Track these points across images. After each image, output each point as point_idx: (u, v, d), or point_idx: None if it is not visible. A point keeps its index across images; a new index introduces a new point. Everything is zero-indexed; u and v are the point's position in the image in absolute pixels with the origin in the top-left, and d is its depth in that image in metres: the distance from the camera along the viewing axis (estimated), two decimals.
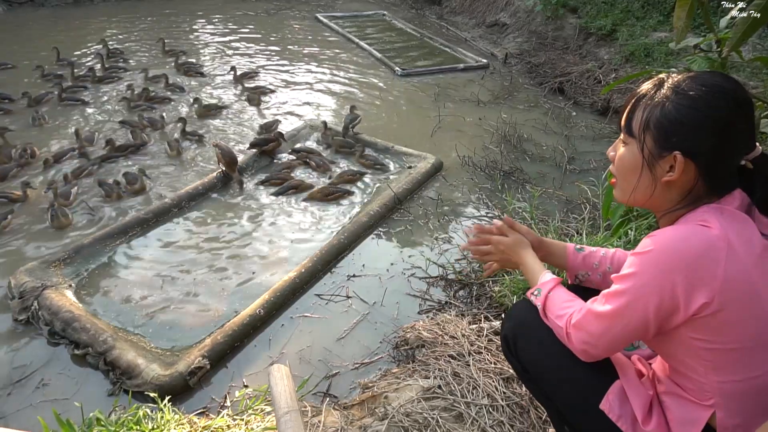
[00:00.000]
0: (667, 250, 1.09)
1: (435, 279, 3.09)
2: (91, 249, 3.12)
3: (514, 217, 3.55)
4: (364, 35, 8.12)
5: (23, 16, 8.20)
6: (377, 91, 6.05)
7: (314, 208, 3.80)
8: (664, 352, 1.24)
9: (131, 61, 6.57)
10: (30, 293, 2.68)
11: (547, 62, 6.76)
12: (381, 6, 10.04)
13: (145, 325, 2.69)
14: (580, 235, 3.08)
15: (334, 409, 2.04)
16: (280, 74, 6.44)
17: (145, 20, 8.38)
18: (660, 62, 5.67)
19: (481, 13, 8.90)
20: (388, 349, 2.60)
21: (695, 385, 1.17)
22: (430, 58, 7.28)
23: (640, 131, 1.19)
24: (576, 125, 5.34)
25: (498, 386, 1.88)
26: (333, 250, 3.23)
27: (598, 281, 1.50)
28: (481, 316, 2.60)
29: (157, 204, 3.58)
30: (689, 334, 1.12)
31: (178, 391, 2.26)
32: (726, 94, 1.12)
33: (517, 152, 4.70)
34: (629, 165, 1.23)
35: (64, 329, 2.53)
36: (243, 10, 9.28)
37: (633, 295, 1.12)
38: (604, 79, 5.98)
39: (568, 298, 1.33)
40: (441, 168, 4.37)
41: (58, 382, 2.39)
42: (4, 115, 4.96)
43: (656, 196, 1.20)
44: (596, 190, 3.70)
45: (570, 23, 7.29)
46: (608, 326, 1.17)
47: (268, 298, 2.76)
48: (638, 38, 6.19)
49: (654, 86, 1.20)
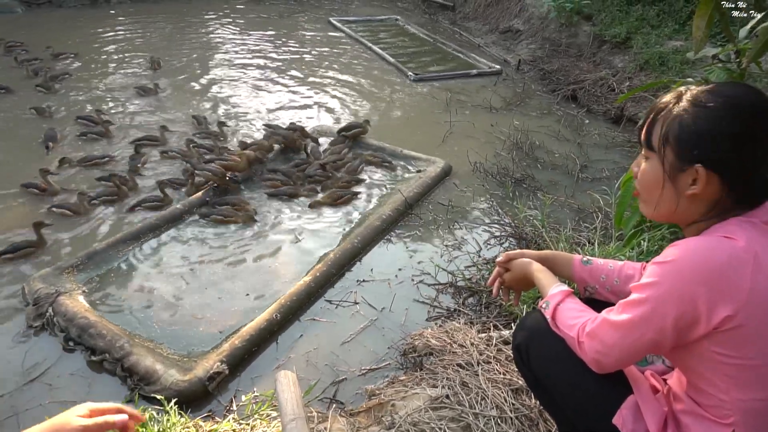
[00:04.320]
0: (690, 260, 1.07)
1: (444, 286, 3.06)
2: (104, 255, 3.12)
3: (525, 225, 3.52)
4: (377, 40, 8.13)
5: (42, 17, 8.29)
6: (390, 96, 6.05)
7: (323, 211, 3.80)
8: (683, 365, 1.21)
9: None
10: (44, 300, 2.68)
11: (561, 69, 6.73)
12: (394, 11, 10.06)
13: (159, 331, 2.68)
14: (591, 244, 3.04)
15: (341, 416, 2.02)
16: (290, 77, 6.46)
17: (158, 22, 8.45)
18: (675, 71, 5.61)
19: (494, 19, 8.88)
20: (395, 356, 2.58)
21: (714, 402, 1.14)
22: (443, 64, 7.26)
23: (660, 145, 1.17)
24: (589, 133, 5.30)
25: (507, 397, 1.85)
26: (346, 254, 3.22)
27: (606, 295, 1.48)
28: (491, 324, 2.57)
29: (169, 210, 3.58)
30: (711, 348, 1.09)
31: (197, 397, 2.25)
32: (746, 105, 1.09)
33: (528, 159, 4.66)
34: (651, 180, 1.21)
35: (80, 335, 2.52)
36: (256, 13, 9.33)
37: (652, 305, 1.10)
38: (617, 88, 5.93)
39: (581, 308, 1.30)
40: (450, 172, 4.35)
41: (69, 383, 2.38)
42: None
43: (681, 209, 1.18)
44: (609, 199, 3.66)
45: (584, 30, 7.25)
46: (624, 336, 1.14)
47: (284, 302, 2.76)
48: (653, 47, 6.14)
49: (673, 99, 1.18)
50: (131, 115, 5.17)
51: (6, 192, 3.81)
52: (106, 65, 6.47)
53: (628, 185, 2.51)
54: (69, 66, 6.30)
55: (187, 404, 2.18)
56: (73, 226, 3.52)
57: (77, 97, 5.53)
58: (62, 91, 5.62)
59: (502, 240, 3.55)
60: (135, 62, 6.60)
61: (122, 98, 5.57)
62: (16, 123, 4.89)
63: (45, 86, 5.52)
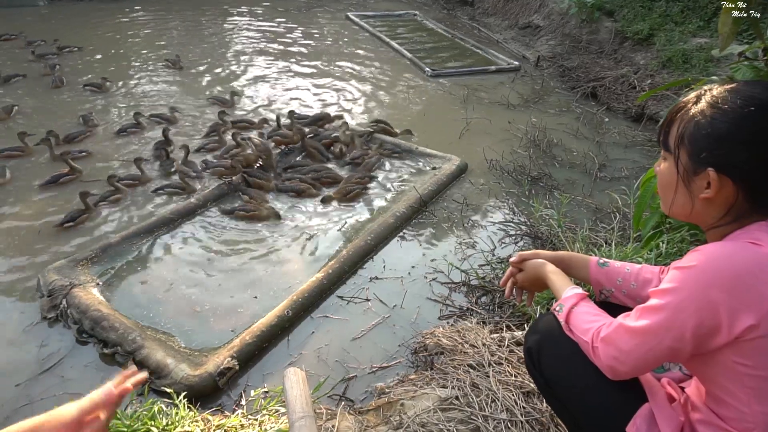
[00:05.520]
0: (712, 266, 1.03)
1: (457, 284, 3.03)
2: (118, 248, 3.15)
3: (541, 224, 3.47)
4: (395, 35, 8.08)
5: (63, 10, 8.39)
6: (406, 92, 6.01)
7: (336, 207, 3.79)
8: (702, 375, 1.16)
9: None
10: (58, 291, 2.71)
11: (580, 66, 6.62)
12: (412, 6, 9.99)
13: (171, 324, 2.69)
14: (609, 245, 2.99)
15: (349, 414, 2.00)
16: (307, 72, 6.45)
17: (177, 17, 8.50)
18: (699, 69, 5.48)
19: (514, 14, 8.77)
20: (406, 354, 2.56)
21: (735, 414, 1.09)
22: (460, 60, 7.20)
23: (675, 146, 1.14)
24: (608, 131, 5.21)
25: (518, 400, 1.82)
26: (359, 251, 3.20)
27: (622, 299, 1.44)
28: (503, 325, 2.54)
29: (183, 204, 3.60)
30: (733, 358, 1.05)
31: (207, 392, 2.26)
32: (764, 107, 1.05)
33: (546, 157, 4.59)
34: (667, 181, 1.19)
35: (93, 328, 2.54)
36: (274, 6, 9.34)
37: (671, 312, 1.06)
38: (639, 85, 5.82)
39: (595, 312, 1.27)
40: (465, 170, 4.30)
41: (82, 375, 2.41)
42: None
43: (696, 212, 1.15)
44: (627, 199, 3.59)
45: (605, 27, 7.12)
46: (640, 342, 1.10)
47: (295, 299, 2.75)
48: (676, 44, 6.01)
49: (693, 99, 1.15)
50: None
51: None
52: (124, 60, 6.52)
53: (648, 185, 2.45)
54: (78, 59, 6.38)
55: (197, 398, 2.18)
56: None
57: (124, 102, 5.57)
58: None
59: (516, 239, 3.50)
60: (154, 57, 6.64)
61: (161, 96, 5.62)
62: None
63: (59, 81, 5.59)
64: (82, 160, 4.15)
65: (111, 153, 4.36)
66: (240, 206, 3.61)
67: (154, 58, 6.54)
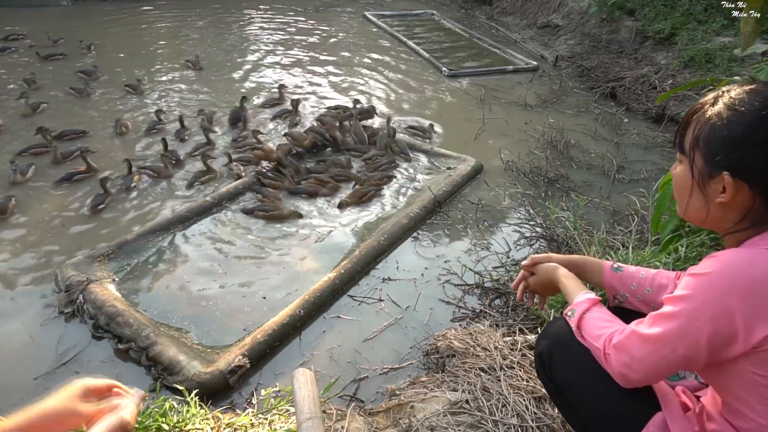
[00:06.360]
0: (728, 273, 1.00)
1: (470, 287, 3.01)
2: (134, 245, 3.19)
3: (557, 226, 3.42)
4: (412, 34, 8.06)
5: (87, 10, 8.53)
6: (423, 91, 5.99)
7: (350, 209, 3.78)
8: (718, 385, 1.13)
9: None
10: (75, 287, 2.75)
11: (600, 66, 6.53)
12: (430, 5, 9.96)
13: (185, 321, 2.72)
14: (626, 248, 2.93)
15: (359, 415, 2.00)
16: (324, 71, 6.47)
17: (197, 17, 8.58)
18: (722, 69, 5.37)
19: (532, 14, 8.68)
20: (418, 356, 2.55)
21: (753, 426, 1.06)
22: (478, 59, 7.15)
23: (690, 149, 1.12)
24: (627, 132, 5.13)
25: (529, 405, 1.79)
26: (372, 251, 3.19)
27: (636, 304, 1.41)
28: (516, 328, 2.51)
29: (198, 202, 3.63)
30: (750, 368, 1.02)
31: (219, 389, 2.27)
32: None
33: (563, 158, 4.54)
34: (681, 184, 1.16)
35: (108, 323, 2.57)
36: (291, 6, 9.37)
37: (685, 320, 1.04)
38: (660, 86, 5.72)
39: (608, 318, 1.24)
40: (481, 171, 4.27)
41: (98, 370, 2.43)
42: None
43: (712, 217, 1.12)
44: (646, 201, 3.52)
45: (626, 26, 7.01)
46: (653, 350, 1.08)
47: (307, 298, 2.75)
48: (699, 43, 5.89)
49: (710, 100, 1.12)
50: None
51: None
52: (148, 60, 6.61)
53: (667, 187, 2.40)
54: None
55: (209, 396, 2.19)
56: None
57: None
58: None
59: (532, 241, 3.47)
60: (174, 56, 6.72)
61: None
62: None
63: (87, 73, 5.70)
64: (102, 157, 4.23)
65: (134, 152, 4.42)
66: (260, 206, 3.63)
67: (175, 57, 6.60)
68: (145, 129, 4.73)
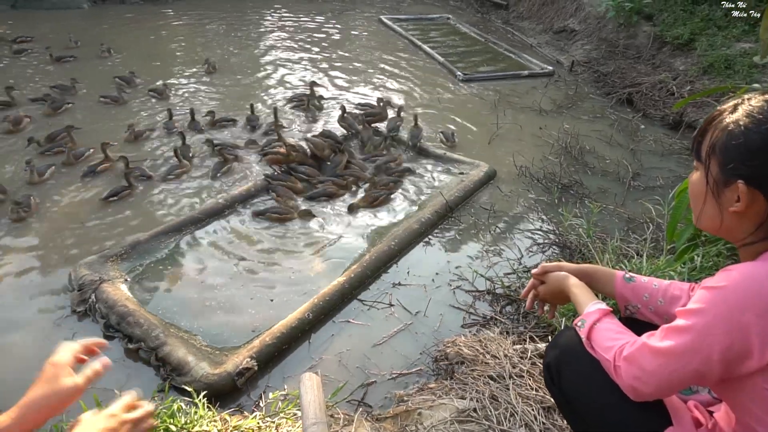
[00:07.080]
0: (744, 287, 0.98)
1: (481, 293, 2.98)
2: (147, 245, 3.21)
3: (570, 233, 3.38)
4: (428, 39, 8.05)
5: (106, 12, 8.66)
6: (438, 96, 5.97)
7: (362, 213, 3.78)
8: (731, 400, 1.11)
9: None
10: (88, 286, 2.79)
11: (617, 71, 6.46)
12: (446, 9, 9.94)
13: (195, 322, 2.73)
14: (640, 257, 2.89)
15: (366, 421, 1.99)
16: (340, 75, 6.49)
17: (214, 20, 8.66)
18: (742, 75, 5.28)
19: (549, 18, 8.63)
20: (427, 362, 2.53)
21: None
22: (493, 64, 7.12)
23: (706, 156, 1.10)
24: (644, 139, 5.06)
25: (537, 416, 1.77)
26: (383, 256, 3.18)
27: (648, 315, 1.38)
28: (527, 336, 2.48)
29: (211, 204, 3.66)
30: (764, 386, 0.99)
31: (226, 391, 2.28)
32: None
33: (577, 165, 4.49)
34: (696, 192, 1.14)
35: (119, 323, 2.60)
36: (307, 9, 9.42)
37: (697, 334, 1.01)
38: (677, 92, 5.63)
39: (619, 329, 1.22)
40: (494, 176, 4.24)
41: (112, 371, 2.44)
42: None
43: (726, 226, 1.10)
44: (662, 209, 3.47)
45: (644, 31, 6.93)
46: (664, 364, 1.06)
47: (316, 302, 2.75)
48: (718, 49, 5.80)
49: (729, 108, 1.09)
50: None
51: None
52: (167, 63, 6.69)
53: (684, 195, 2.35)
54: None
55: (216, 397, 2.20)
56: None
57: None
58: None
59: (544, 248, 3.43)
60: (191, 57, 6.79)
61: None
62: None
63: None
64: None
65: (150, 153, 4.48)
66: (272, 209, 3.65)
67: (195, 61, 6.65)
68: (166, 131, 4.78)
